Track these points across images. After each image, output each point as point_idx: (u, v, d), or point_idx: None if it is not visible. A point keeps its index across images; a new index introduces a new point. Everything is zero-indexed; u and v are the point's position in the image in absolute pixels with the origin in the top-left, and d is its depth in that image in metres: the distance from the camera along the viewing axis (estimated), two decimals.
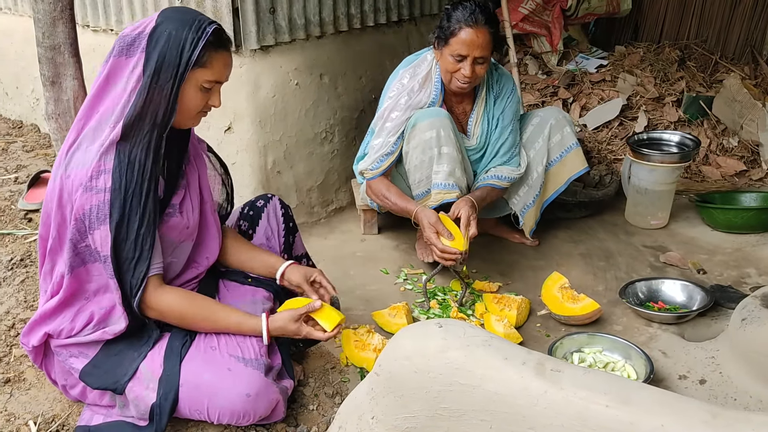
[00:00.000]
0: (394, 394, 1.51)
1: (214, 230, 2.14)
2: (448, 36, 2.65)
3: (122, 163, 1.75)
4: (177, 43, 1.75)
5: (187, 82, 1.79)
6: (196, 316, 1.94)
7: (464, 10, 2.63)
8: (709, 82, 4.37)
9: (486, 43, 2.64)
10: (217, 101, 1.90)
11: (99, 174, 1.74)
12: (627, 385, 1.33)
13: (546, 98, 4.35)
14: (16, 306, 2.52)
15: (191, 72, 1.79)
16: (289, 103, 3.23)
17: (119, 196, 1.75)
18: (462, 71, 2.67)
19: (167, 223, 1.94)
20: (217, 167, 2.20)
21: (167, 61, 1.75)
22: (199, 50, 1.77)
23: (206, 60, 1.80)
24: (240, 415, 1.83)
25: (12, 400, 2.09)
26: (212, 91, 1.88)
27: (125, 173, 1.76)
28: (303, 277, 2.17)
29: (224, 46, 1.85)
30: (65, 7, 2.32)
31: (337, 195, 3.54)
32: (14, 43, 4.45)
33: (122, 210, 1.76)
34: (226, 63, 1.87)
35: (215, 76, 1.84)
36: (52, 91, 2.42)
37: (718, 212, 3.26)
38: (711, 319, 2.56)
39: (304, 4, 3.25)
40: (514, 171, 2.89)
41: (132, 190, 1.77)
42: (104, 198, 1.75)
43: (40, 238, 1.95)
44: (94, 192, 1.74)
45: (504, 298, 2.64)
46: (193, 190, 2.04)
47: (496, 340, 1.47)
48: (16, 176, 3.71)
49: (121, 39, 1.79)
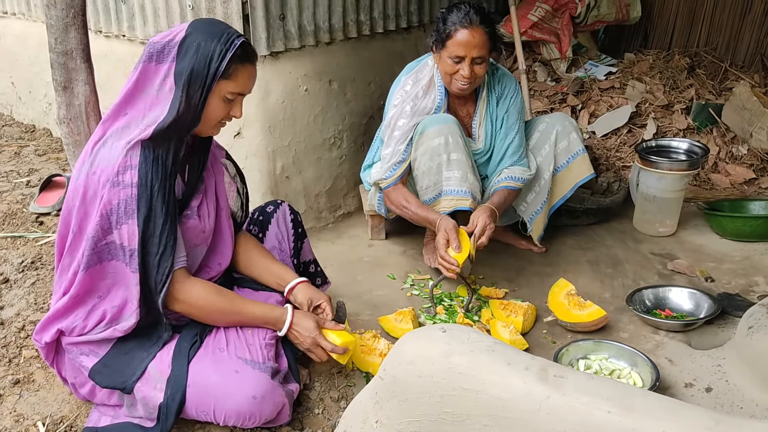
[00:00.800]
0: (398, 399, 1.52)
1: (228, 237, 2.17)
2: (444, 38, 2.67)
3: (147, 159, 1.80)
4: (206, 54, 1.80)
5: (212, 92, 1.84)
6: (223, 307, 1.99)
7: (458, 11, 2.65)
8: (719, 89, 4.36)
9: (482, 42, 2.65)
10: (238, 112, 1.94)
11: (126, 169, 1.79)
12: (630, 391, 1.34)
13: (555, 105, 4.35)
14: (26, 308, 2.54)
15: (218, 84, 1.83)
16: (298, 109, 3.25)
17: (146, 191, 1.80)
18: (461, 72, 2.68)
19: (185, 224, 1.98)
20: (233, 175, 2.23)
21: (196, 71, 1.79)
22: (226, 62, 1.81)
23: (232, 72, 1.84)
24: (246, 417, 1.85)
25: (21, 401, 2.12)
26: (234, 102, 1.92)
27: (150, 169, 1.80)
28: (307, 299, 2.19)
29: (250, 60, 1.89)
30: (77, 13, 2.35)
31: (345, 200, 3.55)
32: (28, 48, 4.50)
33: (149, 204, 1.80)
34: (250, 75, 1.91)
35: (239, 88, 1.88)
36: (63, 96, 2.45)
37: (726, 220, 3.25)
38: (718, 327, 2.55)
39: (313, 10, 3.28)
40: (526, 171, 2.89)
41: (157, 186, 1.81)
42: (131, 193, 1.79)
43: (58, 235, 1.97)
44: (121, 187, 1.79)
45: (510, 304, 2.64)
46: (210, 196, 2.08)
47: (499, 345, 1.47)
48: (28, 180, 3.75)
49: (151, 45, 1.83)
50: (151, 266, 1.85)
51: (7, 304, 2.57)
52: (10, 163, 4.05)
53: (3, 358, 2.29)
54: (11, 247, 2.98)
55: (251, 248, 2.27)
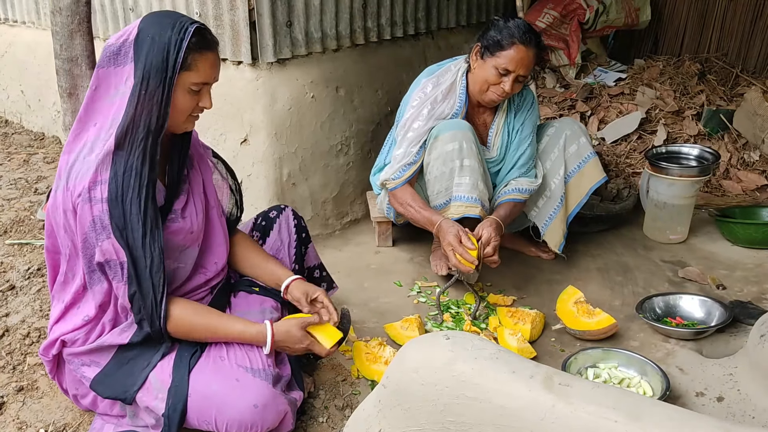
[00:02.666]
0: (401, 407, 1.50)
1: (221, 235, 2.13)
2: (498, 48, 2.63)
3: (118, 172, 1.74)
4: (161, 47, 1.73)
5: (175, 86, 1.77)
6: (200, 325, 1.93)
7: (518, 27, 2.62)
8: (730, 95, 4.32)
9: (531, 63, 2.66)
10: (207, 102, 1.87)
11: (96, 185, 1.73)
12: (637, 400, 1.31)
13: (564, 111, 4.32)
14: (31, 315, 2.54)
15: (180, 77, 1.77)
16: (304, 116, 3.24)
17: (117, 205, 1.74)
18: (503, 86, 2.66)
19: (169, 229, 1.92)
20: (224, 173, 2.20)
21: (154, 66, 1.73)
22: (183, 52, 1.74)
23: (191, 62, 1.77)
24: (248, 426, 1.82)
25: (24, 409, 2.11)
26: (201, 93, 1.85)
27: (121, 182, 1.74)
28: (303, 294, 2.14)
29: (209, 47, 1.81)
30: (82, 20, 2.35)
31: (352, 207, 3.54)
32: (37, 57, 4.53)
33: (123, 218, 1.75)
34: (212, 64, 1.82)
35: (202, 78, 1.81)
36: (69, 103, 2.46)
37: (738, 227, 3.20)
38: (730, 336, 2.51)
39: (320, 17, 3.27)
40: (533, 183, 2.87)
41: (129, 198, 1.75)
42: (103, 208, 1.73)
43: (46, 251, 1.94)
44: (92, 203, 1.73)
45: (518, 311, 2.61)
46: (196, 195, 2.03)
47: (504, 352, 1.45)
48: (36, 187, 3.75)
49: (106, 49, 1.78)
50: (144, 281, 1.80)
51: (12, 311, 2.57)
52: (19, 170, 4.06)
53: (7, 365, 2.28)
54: (18, 254, 2.99)
55: (248, 248, 2.24)
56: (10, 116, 5.12)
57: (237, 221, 2.28)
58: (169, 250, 1.94)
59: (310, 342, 2.02)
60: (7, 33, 4.93)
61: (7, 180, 3.89)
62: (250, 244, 2.26)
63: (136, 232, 1.77)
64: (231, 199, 2.21)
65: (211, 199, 2.10)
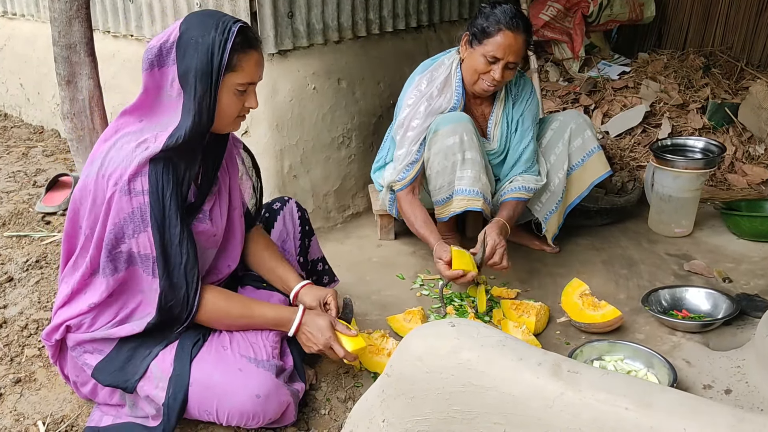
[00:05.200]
0: (406, 396, 1.46)
1: (239, 237, 2.11)
2: (485, 36, 2.60)
3: (158, 166, 1.72)
4: (205, 49, 1.71)
5: (221, 87, 1.76)
6: (234, 312, 1.93)
7: (505, 13, 2.58)
8: (735, 89, 4.28)
9: (521, 48, 2.61)
10: (254, 102, 1.86)
11: (137, 176, 1.71)
12: (648, 387, 1.27)
13: (567, 105, 4.29)
14: (29, 307, 2.51)
15: (225, 77, 1.76)
16: (306, 108, 3.21)
17: (158, 199, 1.72)
18: (492, 74, 2.63)
19: (196, 229, 1.90)
20: (250, 170, 2.17)
21: (200, 69, 1.71)
22: (228, 53, 1.73)
23: (236, 63, 1.76)
24: (249, 417, 1.79)
25: (22, 400, 2.08)
26: (247, 93, 1.84)
27: (161, 176, 1.73)
28: (316, 300, 2.14)
29: (252, 46, 1.80)
30: (81, 6, 2.32)
31: (354, 200, 3.50)
32: (36, 50, 4.50)
33: (162, 213, 1.74)
34: (257, 62, 1.82)
35: (248, 78, 1.80)
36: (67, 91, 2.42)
37: (744, 220, 3.17)
38: (737, 328, 2.48)
39: (322, 9, 3.24)
40: (539, 180, 2.84)
41: (169, 194, 1.74)
42: (144, 200, 1.72)
43: (65, 233, 1.90)
44: (132, 195, 1.71)
45: (522, 304, 2.58)
46: (222, 196, 2.01)
47: (510, 340, 1.42)
48: (35, 180, 3.73)
49: (148, 51, 1.76)
50: (177, 278, 1.79)
51: (10, 303, 2.54)
52: (18, 163, 4.04)
53: (5, 357, 2.26)
54: (16, 246, 2.96)
55: (262, 247, 2.21)
56: (9, 110, 5.09)
57: (255, 219, 2.25)
58: None
59: (332, 338, 1.99)
60: (5, 26, 4.90)
61: (6, 173, 3.86)
62: (265, 243, 2.23)
63: (173, 228, 1.76)
64: (252, 199, 2.19)
65: (235, 200, 2.07)
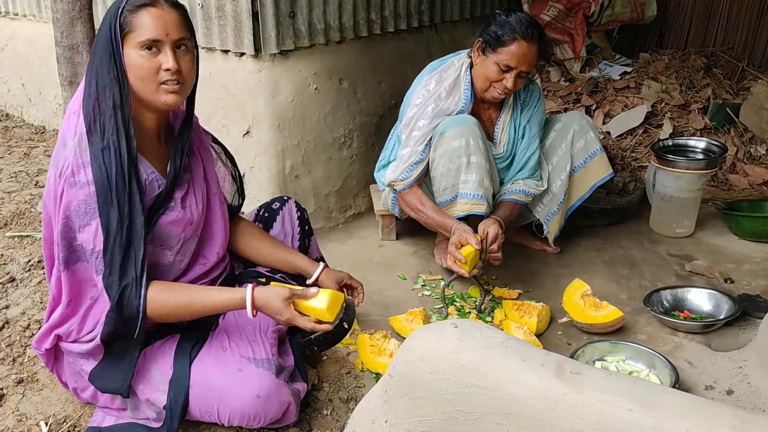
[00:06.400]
0: (408, 397, 1.46)
1: (221, 224, 2.08)
2: (498, 44, 2.59)
3: (97, 152, 1.69)
4: (106, 21, 1.71)
5: (126, 51, 1.71)
6: (179, 302, 1.82)
7: (520, 22, 2.57)
8: (736, 89, 4.28)
9: (534, 58, 2.61)
10: (169, 62, 1.72)
11: (79, 168, 1.68)
12: (651, 388, 1.27)
13: (569, 105, 4.29)
14: (32, 307, 2.51)
15: (126, 41, 1.71)
16: (307, 108, 3.21)
17: (103, 186, 1.68)
18: (504, 82, 2.62)
19: (168, 218, 1.87)
20: (224, 159, 2.16)
21: (102, 42, 1.71)
22: (119, 16, 1.70)
23: (130, 21, 1.70)
24: (251, 417, 1.79)
25: (24, 401, 2.08)
26: (161, 53, 1.73)
27: (102, 161, 1.69)
28: (335, 282, 2.18)
29: (148, 3, 1.71)
30: (84, 6, 2.32)
31: (356, 200, 3.50)
32: (38, 50, 4.50)
33: (108, 200, 1.69)
34: (153, 18, 1.71)
35: (146, 35, 1.70)
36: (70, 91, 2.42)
37: (745, 221, 3.17)
38: (738, 329, 2.48)
39: (324, 9, 3.24)
40: (539, 186, 2.85)
41: (114, 176, 1.69)
42: (89, 191, 1.68)
43: (44, 240, 1.88)
44: (78, 187, 1.69)
45: (524, 305, 2.58)
46: (197, 184, 1.98)
47: (513, 341, 1.41)
48: (36, 180, 3.73)
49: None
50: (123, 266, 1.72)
51: (12, 303, 2.54)
52: (20, 163, 4.04)
53: (7, 357, 2.26)
54: (18, 247, 2.96)
55: (259, 237, 2.21)
56: (10, 110, 5.09)
57: (239, 209, 2.25)
58: (168, 241, 1.90)
59: (292, 316, 1.86)
60: (7, 26, 4.90)
61: (8, 173, 3.86)
62: (260, 232, 2.23)
63: (123, 211, 1.71)
64: (233, 186, 2.18)
65: (213, 185, 2.05)
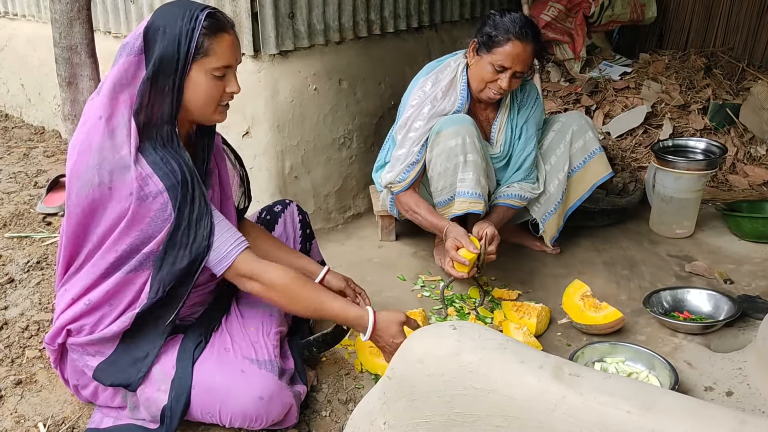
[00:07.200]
0: (407, 399, 1.46)
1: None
2: (493, 45, 2.58)
3: (156, 162, 1.71)
4: (172, 38, 1.70)
5: (194, 73, 1.74)
6: (306, 295, 1.89)
7: (514, 22, 2.56)
8: (736, 89, 4.28)
9: (529, 58, 2.60)
10: (235, 86, 1.83)
11: (145, 180, 1.70)
12: (650, 390, 1.27)
13: (569, 105, 4.29)
14: (30, 308, 2.51)
15: (197, 63, 1.74)
16: (307, 108, 3.21)
17: (173, 185, 1.72)
18: (499, 83, 2.62)
19: None
20: (233, 160, 2.17)
21: (165, 58, 1.70)
22: (196, 41, 1.71)
23: (207, 47, 1.73)
24: (252, 418, 1.79)
25: (22, 402, 2.07)
26: (227, 78, 1.81)
27: (162, 164, 1.71)
28: (344, 282, 2.23)
29: (223, 29, 1.77)
30: (82, 7, 2.32)
31: (355, 201, 3.50)
32: (38, 50, 4.50)
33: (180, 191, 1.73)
34: (229, 45, 1.78)
35: (222, 62, 1.77)
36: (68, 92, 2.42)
37: (745, 221, 3.17)
38: (738, 330, 2.48)
39: (323, 9, 3.24)
40: (535, 189, 2.85)
41: (176, 167, 1.73)
42: (164, 199, 1.71)
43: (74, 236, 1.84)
44: (151, 198, 1.70)
45: (523, 305, 2.57)
46: (215, 189, 2.00)
47: (512, 343, 1.41)
48: (35, 181, 3.72)
49: (122, 47, 1.76)
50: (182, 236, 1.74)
51: (11, 304, 2.54)
52: (19, 164, 4.04)
53: (6, 359, 2.25)
54: (17, 247, 2.95)
55: (264, 239, 2.21)
56: (10, 110, 5.09)
57: (245, 211, 2.25)
58: None
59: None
60: (7, 27, 4.90)
61: (7, 173, 3.86)
62: (264, 234, 2.23)
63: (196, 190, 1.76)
64: (240, 188, 2.18)
65: (227, 188, 2.06)
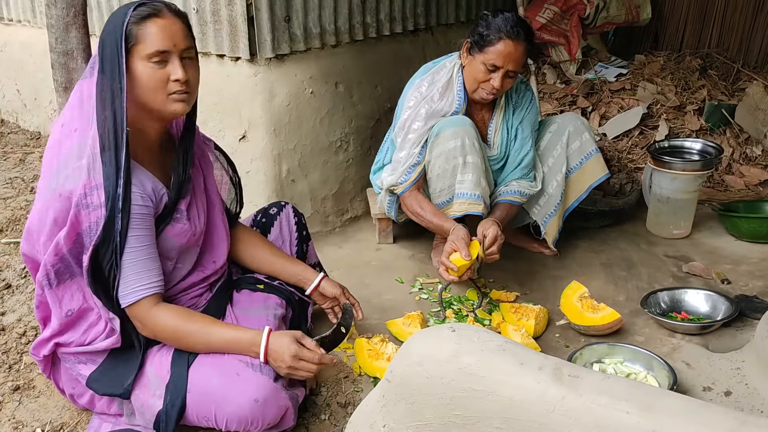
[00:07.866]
0: (406, 401, 1.46)
1: (223, 233, 2.09)
2: (485, 44, 2.58)
3: (110, 173, 1.69)
4: (109, 35, 1.71)
5: (134, 64, 1.72)
6: (189, 333, 1.83)
7: (506, 21, 2.56)
8: (732, 90, 4.29)
9: (521, 57, 2.60)
10: (178, 73, 1.74)
11: (92, 190, 1.69)
12: (649, 391, 1.27)
13: (564, 107, 4.29)
14: (27, 314, 2.50)
15: (133, 53, 1.72)
16: (303, 112, 3.21)
17: (109, 202, 1.70)
18: (492, 82, 2.62)
19: (174, 230, 1.88)
20: (225, 165, 2.16)
21: (109, 58, 1.71)
22: (125, 29, 1.70)
23: (137, 34, 1.71)
24: (248, 422, 1.78)
25: (20, 408, 2.07)
26: (170, 64, 1.75)
27: (111, 179, 1.69)
28: (339, 290, 2.23)
29: (153, 15, 1.72)
30: (78, 12, 2.31)
31: (352, 204, 3.50)
32: (33, 55, 4.49)
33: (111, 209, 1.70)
34: (160, 29, 1.72)
35: (155, 46, 1.71)
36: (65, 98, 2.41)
37: (742, 221, 3.17)
38: (736, 330, 2.48)
39: (319, 12, 3.24)
40: (533, 186, 2.85)
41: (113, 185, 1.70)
42: (101, 213, 1.69)
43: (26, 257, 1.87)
44: (91, 209, 1.70)
45: (522, 307, 2.58)
46: (199, 195, 1.99)
47: (510, 344, 1.41)
48: (32, 186, 3.72)
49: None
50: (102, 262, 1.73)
51: (8, 310, 2.53)
52: (15, 169, 4.03)
53: (3, 365, 2.25)
54: (14, 253, 2.94)
55: (259, 244, 2.21)
56: (5, 115, 5.08)
57: (237, 216, 2.24)
58: (171, 251, 1.91)
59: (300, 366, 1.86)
60: (2, 32, 4.89)
61: (3, 179, 3.85)
62: (259, 239, 2.23)
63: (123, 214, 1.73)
64: (231, 192, 2.18)
65: (213, 195, 2.06)
